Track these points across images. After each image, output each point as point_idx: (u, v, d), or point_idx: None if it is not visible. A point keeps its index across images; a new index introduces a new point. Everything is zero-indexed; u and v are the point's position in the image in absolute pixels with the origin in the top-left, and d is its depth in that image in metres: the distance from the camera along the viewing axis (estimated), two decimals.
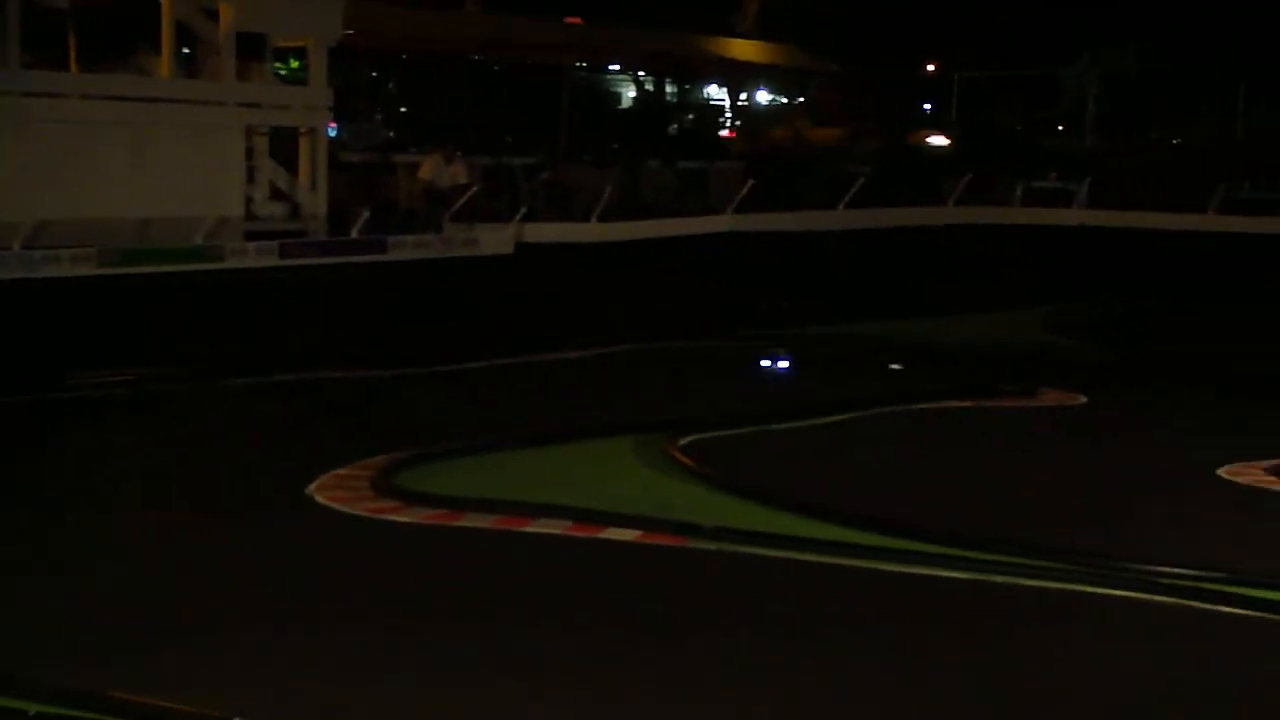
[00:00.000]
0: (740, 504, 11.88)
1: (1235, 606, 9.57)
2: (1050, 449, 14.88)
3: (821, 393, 16.83)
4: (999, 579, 10.10)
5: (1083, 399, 17.31)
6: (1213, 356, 20.91)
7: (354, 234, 29.84)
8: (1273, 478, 13.35)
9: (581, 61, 50.39)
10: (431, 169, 32.04)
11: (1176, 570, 10.14)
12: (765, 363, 17.66)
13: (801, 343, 21.16)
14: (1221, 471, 13.55)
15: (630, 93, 56.90)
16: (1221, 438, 14.99)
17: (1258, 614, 9.47)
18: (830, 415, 15.71)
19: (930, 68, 67.05)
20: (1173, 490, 13.01)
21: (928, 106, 68.67)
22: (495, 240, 30.67)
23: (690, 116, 59.21)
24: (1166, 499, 12.71)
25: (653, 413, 15.30)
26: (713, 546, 10.79)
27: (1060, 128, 59.25)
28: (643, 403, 16.31)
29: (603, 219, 31.99)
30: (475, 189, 32.34)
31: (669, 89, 58.06)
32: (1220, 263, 27.62)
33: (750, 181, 32.76)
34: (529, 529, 11.14)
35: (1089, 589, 9.92)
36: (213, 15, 30.80)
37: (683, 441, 13.96)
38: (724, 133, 55.43)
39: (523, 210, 32.23)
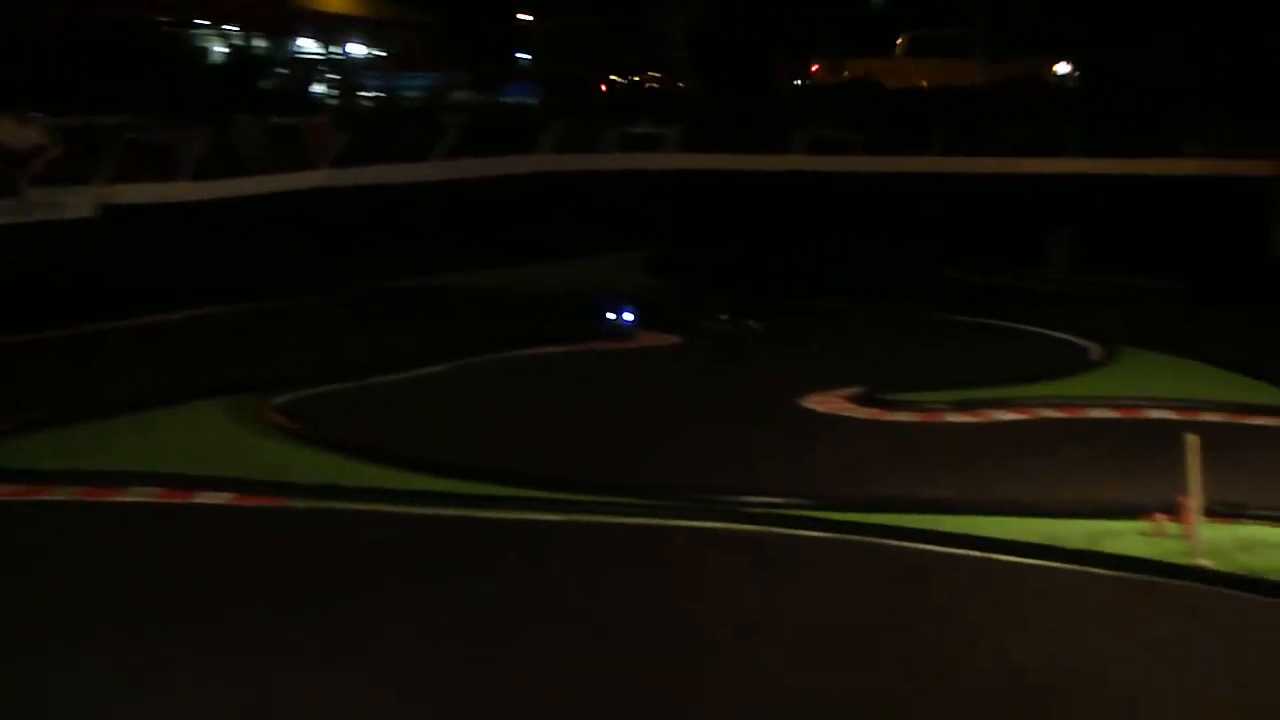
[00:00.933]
0: (339, 460, 11.82)
1: (816, 530, 9.99)
2: (644, 389, 15.21)
3: (420, 344, 16.76)
4: (588, 518, 10.30)
5: (676, 339, 17.75)
6: (801, 293, 21.66)
7: None
8: (852, 405, 13.96)
9: (165, 16, 48.80)
10: (5, 131, 30.61)
11: (761, 499, 10.54)
12: (612, 315, 17.20)
13: (398, 295, 21.19)
14: (804, 402, 14.10)
15: (219, 48, 55.42)
16: (807, 370, 15.55)
17: (836, 536, 9.91)
18: (429, 366, 15.73)
19: (526, 18, 67.36)
20: (759, 422, 13.47)
21: (525, 56, 68.99)
22: (78, 203, 29.48)
23: (282, 71, 57.99)
24: (752, 430, 13.17)
25: (249, 373, 15.03)
26: (309, 505, 10.69)
27: (655, 74, 60.27)
28: (239, 363, 16.00)
29: (193, 178, 31.14)
30: (54, 150, 31.02)
31: (259, 43, 56.77)
32: (804, 199, 28.62)
33: (343, 136, 32.40)
34: (119, 499, 10.84)
35: (679, 523, 10.20)
36: None
37: (278, 400, 13.78)
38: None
39: (108, 171, 31.07)
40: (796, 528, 10.03)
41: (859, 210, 28.16)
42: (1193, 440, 9.45)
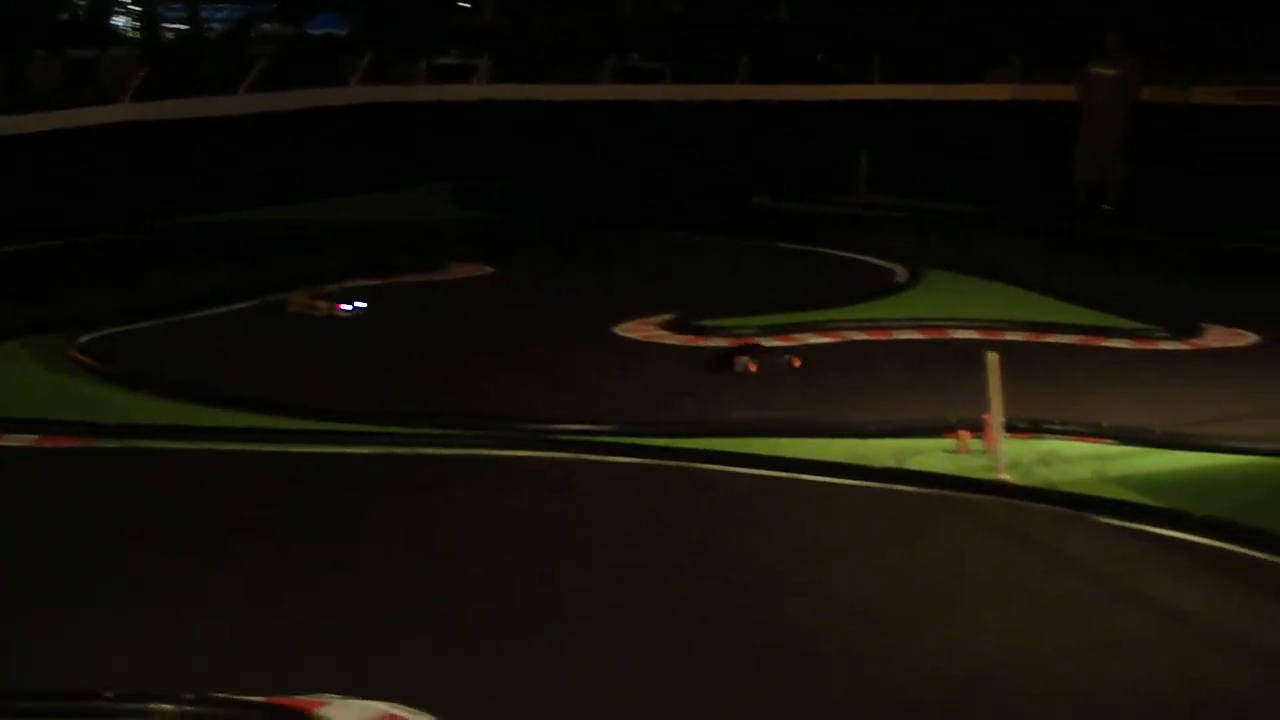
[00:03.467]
0: (145, 399, 11.65)
1: (625, 456, 10.08)
2: (455, 319, 15.18)
3: (226, 281, 16.49)
4: (403, 450, 10.28)
5: (489, 269, 17.73)
6: (606, 221, 21.73)
7: None
8: (664, 331, 14.08)
9: None
10: None
11: (571, 426, 10.61)
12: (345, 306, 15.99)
13: (205, 231, 20.94)
14: (617, 329, 14.19)
15: None
16: (618, 298, 15.63)
17: (644, 461, 10.01)
18: (234, 303, 15.49)
19: None
20: (570, 351, 13.53)
21: None
22: None
23: (81, 3, 56.42)
24: (564, 359, 13.23)
25: (49, 313, 14.67)
26: (118, 444, 10.52)
27: (467, 5, 59.70)
28: (37, 303, 15.61)
29: None
30: None
31: None
32: (613, 129, 28.63)
33: (145, 69, 31.64)
34: None
35: (491, 452, 10.23)
36: None
37: (82, 340, 13.49)
38: None
39: None
40: (606, 454, 10.11)
41: (668, 139, 28.18)
42: (993, 358, 9.68)
